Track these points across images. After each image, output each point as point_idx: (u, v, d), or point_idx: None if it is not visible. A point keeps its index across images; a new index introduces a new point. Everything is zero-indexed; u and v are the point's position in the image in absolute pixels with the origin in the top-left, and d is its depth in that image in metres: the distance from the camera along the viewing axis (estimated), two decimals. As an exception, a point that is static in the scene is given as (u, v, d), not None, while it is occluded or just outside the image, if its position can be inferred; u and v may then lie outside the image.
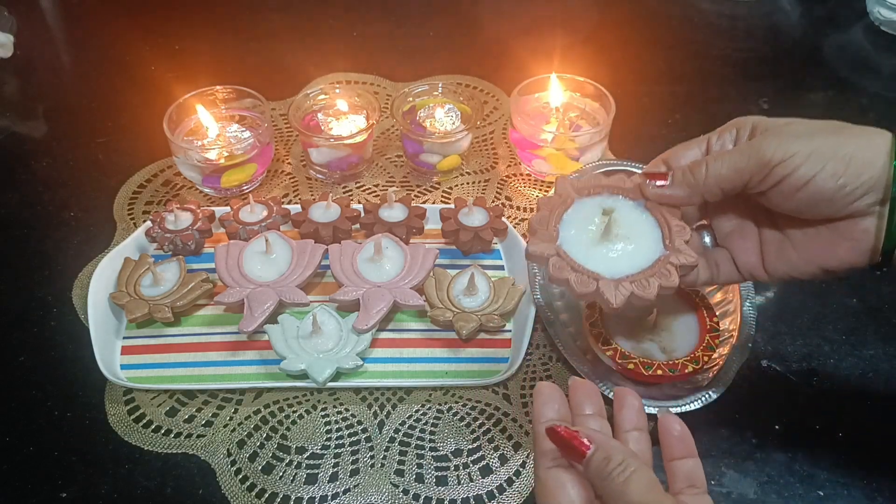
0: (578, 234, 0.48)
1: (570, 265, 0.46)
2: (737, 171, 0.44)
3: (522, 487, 0.51)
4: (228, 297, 0.59)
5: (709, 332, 0.55)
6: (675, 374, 0.53)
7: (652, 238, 0.48)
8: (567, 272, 0.46)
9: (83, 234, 0.68)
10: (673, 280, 0.46)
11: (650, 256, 0.47)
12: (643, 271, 0.46)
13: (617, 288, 0.45)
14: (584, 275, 0.46)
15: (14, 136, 0.80)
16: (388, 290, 0.59)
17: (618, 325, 0.56)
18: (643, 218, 0.48)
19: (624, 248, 0.47)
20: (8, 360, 0.58)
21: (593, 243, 0.48)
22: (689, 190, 0.46)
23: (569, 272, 0.46)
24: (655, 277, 0.46)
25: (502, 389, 0.56)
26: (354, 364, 0.55)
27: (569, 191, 0.50)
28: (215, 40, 0.93)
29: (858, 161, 0.42)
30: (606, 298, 0.45)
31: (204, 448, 0.53)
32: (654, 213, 0.48)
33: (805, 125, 0.44)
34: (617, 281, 0.46)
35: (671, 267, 0.46)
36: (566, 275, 0.46)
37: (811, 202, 0.43)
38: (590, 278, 0.46)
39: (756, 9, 0.98)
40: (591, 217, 0.49)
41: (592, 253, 0.47)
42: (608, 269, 0.47)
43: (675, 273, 0.46)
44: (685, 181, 0.46)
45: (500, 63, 0.87)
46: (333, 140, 0.70)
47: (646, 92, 0.84)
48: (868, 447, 0.53)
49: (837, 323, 0.60)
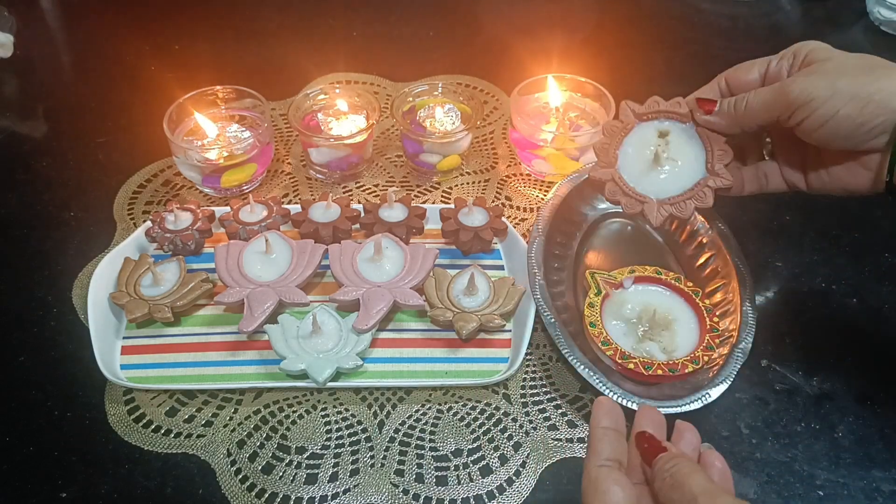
0: (635, 157, 0.55)
1: (622, 189, 0.54)
2: (767, 109, 0.49)
3: (522, 487, 0.51)
4: (228, 297, 0.59)
5: (709, 332, 0.55)
6: (675, 373, 0.53)
7: (697, 161, 0.54)
8: (619, 195, 0.54)
9: (83, 234, 0.68)
10: (708, 201, 0.53)
11: (693, 178, 0.53)
12: (683, 193, 0.53)
13: (658, 210, 0.53)
14: (633, 198, 0.53)
15: (14, 136, 0.80)
16: (388, 290, 0.59)
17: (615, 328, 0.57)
18: (692, 142, 0.54)
19: (671, 171, 0.54)
20: (8, 360, 0.58)
21: (647, 166, 0.54)
22: (730, 120, 0.52)
23: (621, 195, 0.54)
24: (693, 200, 0.53)
25: (502, 389, 0.56)
26: (354, 364, 0.55)
27: (630, 117, 0.56)
28: (215, 40, 0.93)
29: (876, 103, 0.46)
30: (648, 219, 0.53)
31: (204, 448, 0.53)
32: (701, 138, 0.54)
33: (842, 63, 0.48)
34: (659, 203, 0.53)
35: (708, 190, 0.53)
36: (618, 198, 0.54)
37: (831, 138, 0.48)
38: (637, 201, 0.53)
39: (756, 9, 0.98)
40: (648, 141, 0.55)
41: (645, 175, 0.54)
42: (656, 190, 0.54)
43: (711, 195, 0.53)
44: (728, 112, 0.51)
45: (500, 63, 0.87)
46: (333, 140, 0.70)
47: (646, 92, 0.83)
48: (868, 447, 0.53)
49: (837, 323, 0.60)
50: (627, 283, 0.59)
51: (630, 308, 0.57)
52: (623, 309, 0.57)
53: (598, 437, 0.42)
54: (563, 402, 0.55)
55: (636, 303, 0.58)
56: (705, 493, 0.37)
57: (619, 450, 0.42)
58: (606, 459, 0.41)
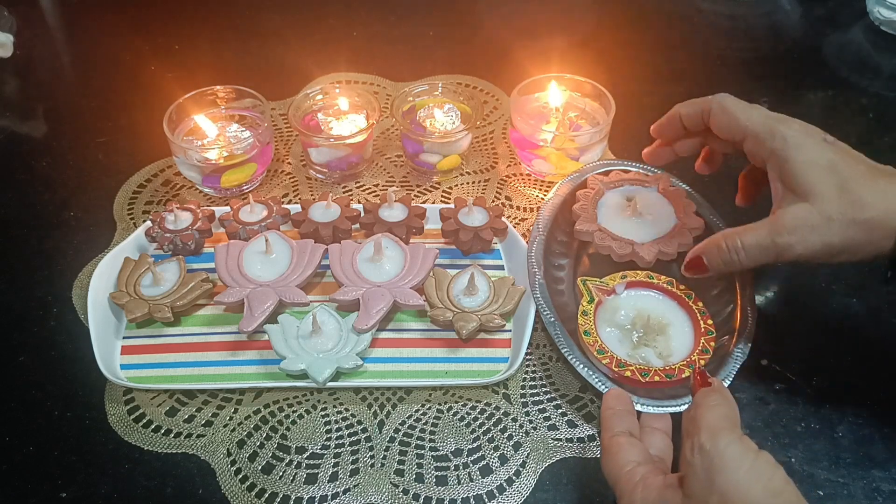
0: (611, 214, 0.63)
1: (610, 235, 0.61)
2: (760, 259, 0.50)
3: (522, 487, 0.51)
4: (228, 296, 0.59)
5: (703, 335, 0.55)
6: (673, 379, 0.53)
7: (668, 212, 0.63)
8: (609, 241, 0.60)
9: (83, 234, 0.68)
10: (688, 241, 0.60)
11: (668, 225, 0.62)
12: (664, 236, 0.61)
13: (648, 248, 0.59)
14: (622, 242, 0.60)
15: (14, 136, 0.80)
16: (387, 290, 0.59)
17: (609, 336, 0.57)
18: (658, 199, 0.64)
19: (648, 221, 0.62)
20: (8, 360, 0.58)
21: (624, 219, 0.62)
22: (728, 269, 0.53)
23: (610, 241, 0.60)
24: (675, 238, 0.60)
25: (502, 389, 0.56)
26: (354, 364, 0.55)
27: (599, 185, 0.65)
28: (215, 40, 0.93)
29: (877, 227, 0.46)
30: (641, 256, 0.59)
31: (204, 448, 0.53)
32: (666, 196, 0.64)
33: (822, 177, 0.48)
34: (648, 244, 0.60)
35: (686, 230, 0.61)
36: (608, 243, 0.60)
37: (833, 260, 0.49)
38: (627, 244, 0.60)
39: (756, 9, 0.98)
40: (620, 201, 0.64)
41: (625, 226, 0.62)
42: (639, 236, 0.61)
43: (689, 235, 0.60)
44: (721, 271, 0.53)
45: (499, 63, 0.87)
46: (333, 140, 0.70)
47: (646, 92, 0.84)
48: (868, 447, 0.53)
49: (837, 323, 0.60)
50: (620, 289, 0.59)
51: (623, 314, 0.57)
52: (616, 315, 0.58)
53: (609, 416, 0.48)
54: (563, 402, 0.55)
55: (629, 308, 0.58)
56: (709, 428, 0.40)
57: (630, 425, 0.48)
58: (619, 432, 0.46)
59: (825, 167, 0.48)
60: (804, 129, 0.50)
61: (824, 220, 0.47)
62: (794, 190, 0.49)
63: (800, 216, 0.48)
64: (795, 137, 0.49)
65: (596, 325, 0.56)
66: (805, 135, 0.50)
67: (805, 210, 0.48)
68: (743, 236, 0.50)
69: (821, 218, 0.47)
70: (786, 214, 0.49)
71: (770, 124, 0.50)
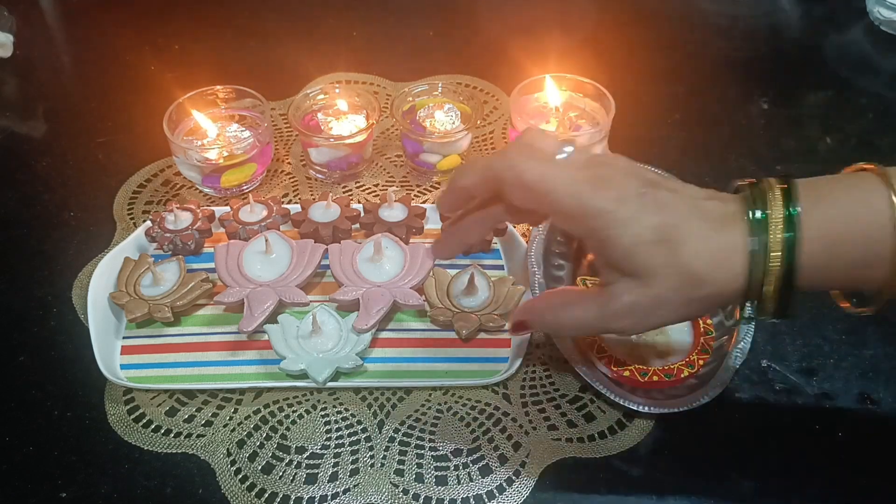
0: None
1: None
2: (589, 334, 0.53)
3: (522, 487, 0.51)
4: (228, 296, 0.59)
5: (703, 335, 0.55)
6: (672, 379, 0.53)
7: None
8: None
9: (83, 234, 0.68)
10: None
11: None
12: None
13: None
14: None
15: (14, 136, 0.80)
16: (387, 290, 0.59)
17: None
18: None
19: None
20: (8, 360, 0.58)
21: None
22: None
23: None
24: None
25: (502, 389, 0.56)
26: (354, 364, 0.55)
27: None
28: (215, 40, 0.93)
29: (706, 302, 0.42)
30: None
31: (204, 448, 0.53)
32: None
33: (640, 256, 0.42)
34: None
35: None
36: None
37: None
38: None
39: (756, 9, 0.98)
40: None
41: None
42: None
43: None
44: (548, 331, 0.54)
45: (499, 63, 0.87)
46: (333, 140, 0.70)
47: (646, 92, 0.84)
48: (868, 447, 0.53)
49: (837, 323, 0.60)
50: None
51: None
52: None
53: None
54: (563, 402, 0.55)
55: None
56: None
57: None
58: None
59: (652, 241, 0.41)
60: (620, 189, 0.42)
61: (659, 303, 0.42)
62: (621, 270, 0.42)
63: (631, 300, 0.42)
64: (614, 213, 0.41)
65: None
66: (623, 202, 0.41)
67: (636, 293, 0.42)
68: (570, 312, 0.45)
69: (655, 301, 0.42)
70: (616, 298, 0.43)
71: (581, 198, 0.41)
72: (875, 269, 0.39)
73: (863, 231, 0.39)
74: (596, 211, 0.41)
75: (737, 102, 0.83)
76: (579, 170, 0.43)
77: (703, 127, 0.80)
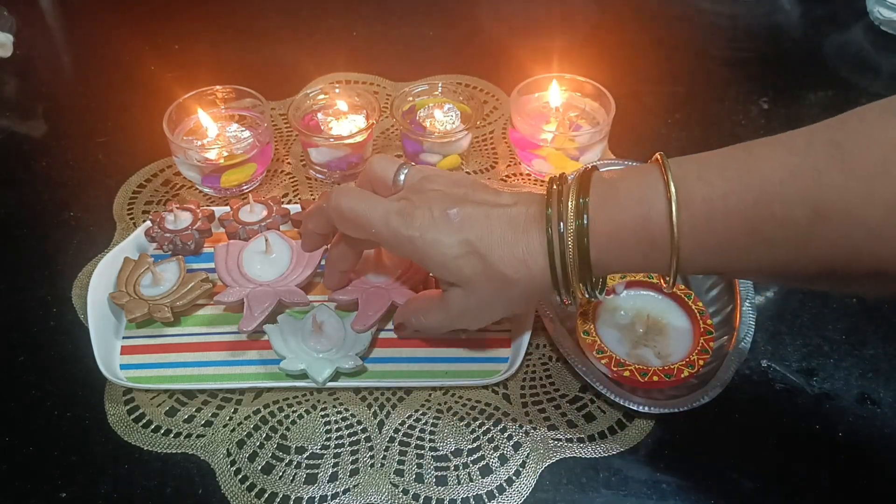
0: None
1: None
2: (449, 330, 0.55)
3: (522, 487, 0.50)
4: (228, 296, 0.59)
5: (703, 335, 0.55)
6: (672, 379, 0.53)
7: None
8: None
9: (83, 234, 0.68)
10: None
11: None
12: None
13: None
14: None
15: (14, 136, 0.80)
16: (387, 291, 0.59)
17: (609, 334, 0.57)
18: None
19: None
20: (8, 360, 0.58)
21: None
22: None
23: None
24: None
25: (502, 389, 0.56)
26: (354, 364, 0.55)
27: None
28: (215, 40, 0.93)
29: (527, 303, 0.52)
30: None
31: (204, 448, 0.53)
32: None
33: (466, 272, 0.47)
34: None
35: None
36: None
37: None
38: None
39: (756, 9, 0.98)
40: None
41: None
42: None
43: None
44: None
45: (500, 63, 0.87)
46: (333, 140, 0.70)
47: (646, 92, 0.84)
48: (868, 447, 0.53)
49: (837, 323, 0.60)
50: (619, 289, 0.59)
51: (623, 314, 0.57)
52: (616, 315, 0.57)
53: None
54: (563, 402, 0.55)
55: (629, 308, 0.58)
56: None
57: None
58: None
59: (461, 255, 0.46)
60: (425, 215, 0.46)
61: (484, 305, 0.48)
62: (446, 281, 0.48)
63: (461, 304, 0.49)
64: (421, 237, 0.46)
65: (595, 324, 0.56)
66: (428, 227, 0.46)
67: (464, 299, 0.48)
68: (425, 317, 0.53)
69: (480, 303, 0.48)
70: (451, 304, 0.49)
71: (392, 228, 0.47)
72: (660, 252, 0.42)
73: (643, 217, 0.42)
74: (406, 238, 0.46)
75: (737, 102, 0.83)
76: (395, 200, 0.48)
77: (703, 127, 0.80)
